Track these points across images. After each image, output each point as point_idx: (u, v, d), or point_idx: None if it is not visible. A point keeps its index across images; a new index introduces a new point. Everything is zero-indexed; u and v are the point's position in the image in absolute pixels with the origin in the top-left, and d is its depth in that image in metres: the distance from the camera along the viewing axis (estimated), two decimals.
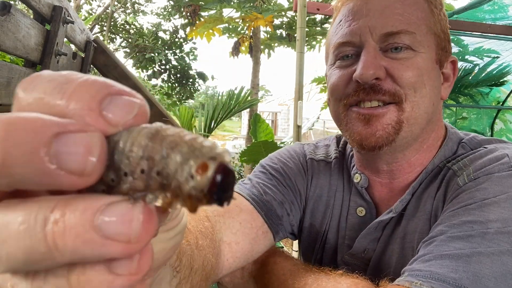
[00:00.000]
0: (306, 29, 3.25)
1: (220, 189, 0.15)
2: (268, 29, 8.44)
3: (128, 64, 12.36)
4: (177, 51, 13.31)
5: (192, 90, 14.05)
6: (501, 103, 5.11)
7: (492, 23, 3.78)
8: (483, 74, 4.74)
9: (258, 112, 7.68)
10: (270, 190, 0.72)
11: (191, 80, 13.79)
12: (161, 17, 12.82)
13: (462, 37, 4.32)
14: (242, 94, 5.98)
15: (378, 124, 0.62)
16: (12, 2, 0.91)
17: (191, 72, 13.67)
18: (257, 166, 0.80)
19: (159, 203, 0.16)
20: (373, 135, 0.62)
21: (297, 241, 0.83)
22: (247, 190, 0.72)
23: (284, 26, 9.19)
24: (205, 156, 0.15)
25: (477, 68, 4.70)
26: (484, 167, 0.58)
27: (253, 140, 5.79)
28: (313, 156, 0.81)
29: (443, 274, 0.47)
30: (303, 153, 0.82)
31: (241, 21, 8.57)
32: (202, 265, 0.44)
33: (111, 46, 12.86)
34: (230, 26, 8.89)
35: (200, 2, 8.66)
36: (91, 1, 12.29)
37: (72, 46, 1.72)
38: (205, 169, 0.14)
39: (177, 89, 13.81)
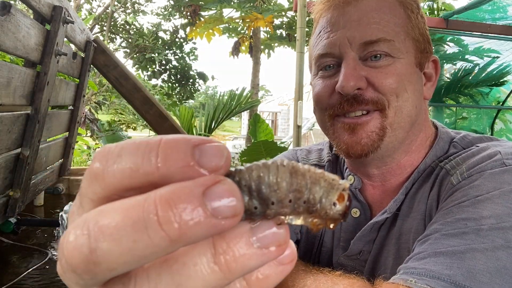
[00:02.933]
0: (306, 29, 3.25)
1: (349, 210, 0.21)
2: (268, 29, 8.44)
3: (128, 64, 12.36)
4: (177, 51, 13.32)
5: (192, 90, 14.06)
6: (501, 103, 5.11)
7: (492, 23, 3.78)
8: (483, 74, 4.74)
9: (258, 112, 7.68)
10: None
11: (191, 80, 13.80)
12: (161, 17, 12.83)
13: (462, 37, 4.33)
14: (244, 94, 5.97)
15: (363, 132, 0.63)
16: (12, 2, 0.91)
17: (191, 72, 13.68)
18: None
19: (297, 223, 0.21)
20: (358, 143, 0.64)
21: None
22: None
23: (284, 26, 9.19)
24: (340, 189, 0.20)
25: (477, 68, 4.70)
26: (477, 165, 0.58)
27: (253, 140, 5.79)
28: (306, 162, 0.82)
29: (437, 271, 0.47)
30: (296, 159, 0.83)
31: (241, 21, 8.56)
32: None
33: (111, 46, 12.86)
34: (230, 26, 8.88)
35: (200, 2, 8.65)
36: (91, 1, 12.30)
37: (72, 46, 1.72)
38: (343, 199, 0.20)
39: (177, 89, 13.81)
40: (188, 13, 9.15)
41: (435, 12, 5.83)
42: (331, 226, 0.21)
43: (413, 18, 0.65)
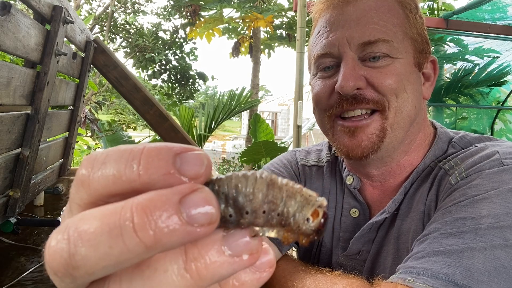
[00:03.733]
0: (306, 29, 3.25)
1: (323, 228, 0.21)
2: (268, 29, 8.43)
3: (128, 64, 12.36)
4: (177, 51, 13.31)
5: (192, 90, 14.05)
6: (501, 103, 5.11)
7: (492, 23, 3.78)
8: (483, 74, 4.73)
9: (258, 112, 7.67)
10: None
11: (191, 80, 13.79)
12: (161, 17, 12.82)
13: (462, 37, 4.33)
14: (244, 94, 5.97)
15: (363, 135, 0.63)
16: (12, 2, 0.91)
17: (191, 72, 13.67)
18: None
19: (271, 235, 0.21)
20: (358, 146, 0.64)
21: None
22: None
23: (284, 26, 9.18)
24: (315, 205, 0.20)
25: (477, 68, 4.70)
26: (475, 165, 0.58)
27: (253, 140, 5.78)
28: (305, 162, 0.82)
29: (435, 270, 0.47)
30: (295, 161, 0.83)
31: (241, 21, 8.56)
32: None
33: (111, 46, 12.86)
34: (230, 26, 8.88)
35: (200, 2, 8.65)
36: (91, 1, 12.29)
37: (72, 46, 1.72)
38: (317, 215, 0.20)
39: (177, 89, 13.80)
40: (188, 13, 9.15)
41: (435, 12, 5.83)
42: (303, 241, 0.21)
43: (411, 18, 0.65)
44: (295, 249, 0.89)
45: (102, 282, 0.18)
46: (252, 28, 8.61)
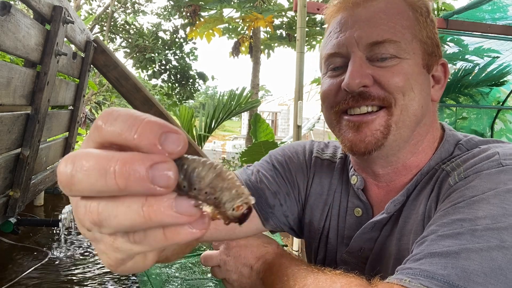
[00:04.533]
0: (306, 29, 3.25)
1: (244, 219, 0.28)
2: (268, 29, 8.43)
3: (128, 64, 12.36)
4: (177, 51, 13.31)
5: (192, 90, 14.05)
6: (501, 103, 5.11)
7: (492, 23, 3.78)
8: (483, 74, 4.74)
9: (258, 112, 7.67)
10: (267, 179, 0.78)
11: (191, 80, 13.79)
12: (161, 17, 12.83)
13: (462, 37, 4.33)
14: (244, 94, 5.97)
15: (368, 130, 0.65)
16: (12, 2, 0.91)
17: (191, 72, 13.67)
18: (267, 154, 0.85)
19: (207, 210, 0.28)
20: (362, 141, 0.65)
21: (297, 240, 0.87)
22: (246, 176, 0.79)
23: (284, 26, 9.18)
24: (243, 201, 0.27)
25: (477, 68, 4.70)
26: (474, 165, 0.58)
27: (254, 140, 5.79)
28: (319, 155, 0.84)
29: (432, 271, 0.47)
30: (310, 150, 0.85)
31: (241, 21, 8.56)
32: None
33: (111, 46, 12.86)
34: (230, 26, 8.88)
35: (200, 2, 8.65)
36: (91, 1, 12.29)
37: (72, 46, 1.72)
38: (241, 208, 0.27)
39: (177, 89, 13.80)
40: (188, 13, 9.15)
41: (435, 12, 5.83)
42: (226, 223, 0.28)
43: (421, 21, 0.67)
44: (296, 250, 0.90)
45: (91, 199, 0.27)
46: (252, 28, 8.61)
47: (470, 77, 4.79)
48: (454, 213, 0.53)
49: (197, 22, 8.89)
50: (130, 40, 12.88)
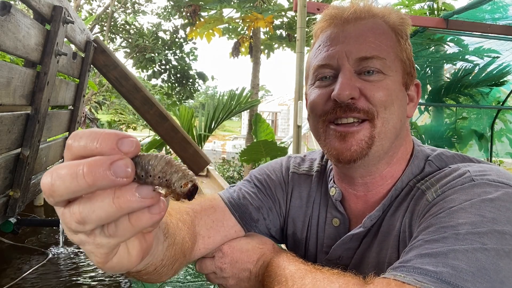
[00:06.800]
0: (306, 29, 3.25)
1: (191, 194, 0.36)
2: (268, 29, 8.44)
3: (128, 64, 12.36)
4: (177, 51, 13.31)
5: (192, 90, 14.06)
6: (501, 103, 5.11)
7: (492, 23, 3.78)
8: (483, 74, 4.74)
9: (258, 112, 7.67)
10: (249, 196, 0.83)
11: (191, 80, 13.80)
12: (161, 17, 12.83)
13: (462, 37, 4.33)
14: (244, 94, 5.97)
15: (353, 140, 0.70)
16: (12, 2, 0.91)
17: (191, 72, 13.68)
18: (248, 175, 0.91)
19: (162, 192, 0.36)
20: (348, 150, 0.70)
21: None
22: (228, 194, 0.85)
23: (284, 26, 9.19)
24: (188, 179, 0.35)
25: (477, 68, 4.70)
26: (449, 183, 0.64)
27: (255, 140, 5.79)
28: (296, 170, 0.90)
29: (424, 269, 0.51)
30: (287, 167, 0.91)
31: (241, 21, 8.56)
32: (181, 241, 0.63)
33: (111, 46, 12.86)
34: (230, 27, 8.88)
35: (200, 2, 8.65)
36: (91, 1, 12.29)
37: (72, 46, 1.72)
38: (187, 185, 0.35)
39: (177, 89, 13.81)
40: (188, 13, 9.15)
41: (435, 12, 5.83)
42: (178, 199, 0.36)
43: (402, 43, 0.74)
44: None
45: (72, 205, 0.34)
46: (252, 28, 8.61)
47: (470, 77, 4.79)
48: (437, 222, 0.58)
49: (197, 22, 8.90)
50: (130, 40, 12.89)
